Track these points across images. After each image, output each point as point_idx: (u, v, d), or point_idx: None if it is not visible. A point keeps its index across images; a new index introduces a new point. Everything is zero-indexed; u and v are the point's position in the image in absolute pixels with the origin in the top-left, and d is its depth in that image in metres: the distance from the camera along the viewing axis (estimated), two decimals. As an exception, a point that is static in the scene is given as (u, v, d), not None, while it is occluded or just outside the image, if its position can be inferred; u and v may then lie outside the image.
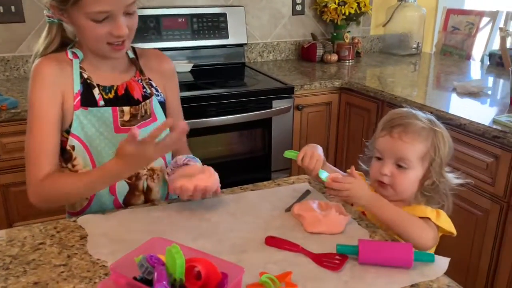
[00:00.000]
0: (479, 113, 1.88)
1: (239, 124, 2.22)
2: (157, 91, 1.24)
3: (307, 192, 1.20)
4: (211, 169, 1.11)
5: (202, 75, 2.52)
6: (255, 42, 2.89)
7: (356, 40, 3.03)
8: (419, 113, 1.13)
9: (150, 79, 1.23)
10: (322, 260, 0.91)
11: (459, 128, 1.77)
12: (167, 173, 1.20)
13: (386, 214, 1.03)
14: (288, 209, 1.10)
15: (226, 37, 2.65)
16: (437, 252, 1.14)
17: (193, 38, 2.59)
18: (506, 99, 2.01)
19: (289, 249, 0.95)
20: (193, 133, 2.18)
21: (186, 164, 1.17)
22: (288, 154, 1.15)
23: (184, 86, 2.40)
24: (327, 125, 2.51)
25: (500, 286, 1.71)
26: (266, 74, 2.54)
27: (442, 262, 0.90)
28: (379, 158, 1.12)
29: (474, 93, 2.11)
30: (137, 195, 1.22)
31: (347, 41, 2.93)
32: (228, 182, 1.24)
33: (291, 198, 1.16)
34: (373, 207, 1.04)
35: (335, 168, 1.21)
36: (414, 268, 0.89)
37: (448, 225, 1.08)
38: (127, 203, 1.20)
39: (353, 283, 0.85)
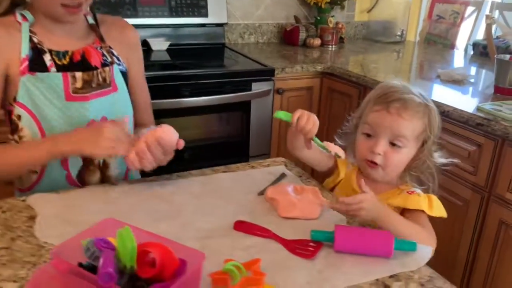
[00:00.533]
0: (463, 100, 1.84)
1: (216, 106, 2.12)
2: (118, 60, 1.14)
3: (283, 176, 1.12)
4: (165, 125, 1.02)
5: (179, 54, 2.41)
6: (236, 23, 2.78)
7: (340, 25, 2.95)
8: (412, 88, 1.06)
9: (111, 47, 1.13)
10: (294, 247, 0.83)
11: (443, 115, 1.68)
12: None
13: (393, 227, 0.91)
14: (261, 193, 1.02)
15: (206, 15, 2.54)
16: None
17: (170, 15, 2.47)
18: (490, 88, 1.96)
19: (260, 235, 0.87)
20: (167, 114, 2.14)
21: None
22: (280, 114, 1.04)
23: (159, 65, 2.31)
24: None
25: (478, 278, 1.67)
26: (246, 56, 2.44)
27: (425, 252, 0.84)
28: (368, 135, 1.04)
29: (458, 81, 2.07)
30: (92, 170, 1.12)
31: (330, 25, 2.85)
32: (204, 167, 1.16)
33: (266, 181, 1.08)
34: (382, 222, 0.92)
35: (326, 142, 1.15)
36: (394, 257, 0.82)
37: (440, 212, 1.04)
38: (81, 179, 1.11)
39: (328, 272, 0.78)
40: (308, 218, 0.93)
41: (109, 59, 1.11)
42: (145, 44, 2.38)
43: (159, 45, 2.41)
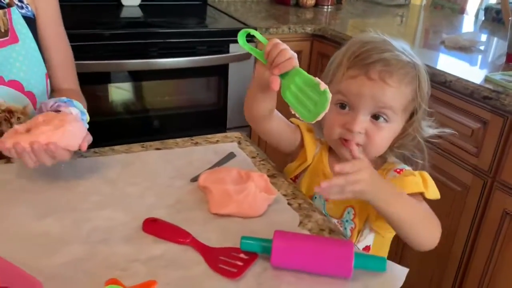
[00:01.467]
0: (469, 70, 1.59)
1: (188, 70, 1.87)
2: (20, 1, 0.88)
3: (230, 156, 0.89)
4: (69, 116, 0.77)
5: (152, 11, 2.15)
6: (220, -22, 2.49)
7: (338, -16, 2.65)
8: (394, 41, 0.82)
9: None
10: (217, 259, 0.61)
11: (443, 86, 1.47)
12: None
13: (399, 212, 0.73)
14: (195, 179, 0.79)
15: (184, -34, 2.26)
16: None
17: (143, -34, 2.19)
18: (501, 57, 1.70)
19: (174, 240, 0.64)
20: (132, 77, 1.90)
21: (57, 111, 0.83)
22: (242, 37, 0.76)
23: (126, 22, 2.06)
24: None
25: (474, 276, 1.46)
26: (229, 15, 2.17)
27: (397, 273, 0.60)
28: (343, 106, 0.81)
29: (465, 48, 1.80)
30: None
31: (327, -17, 2.55)
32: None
33: (206, 163, 0.85)
34: (384, 203, 0.71)
35: None
36: (355, 278, 0.59)
37: (434, 193, 0.84)
38: None
39: (257, 300, 0.55)
40: (247, 216, 0.71)
41: (6, 0, 0.86)
42: (115, -3, 2.12)
43: (130, 0, 2.14)
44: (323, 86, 0.66)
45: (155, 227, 0.65)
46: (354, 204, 0.84)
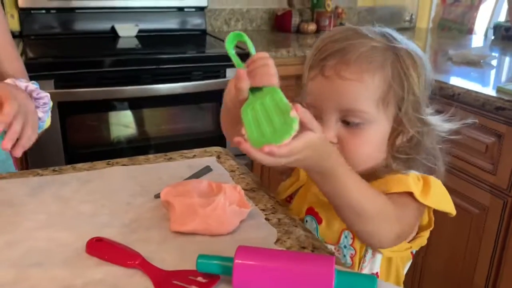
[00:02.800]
0: (478, 82, 1.48)
1: (184, 96, 1.81)
2: None
3: (206, 169, 0.79)
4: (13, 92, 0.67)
5: (149, 41, 2.12)
6: (220, 8, 2.47)
7: (339, 10, 2.61)
8: (367, 29, 0.67)
9: None
10: (169, 284, 0.49)
11: (452, 100, 1.36)
12: None
13: (340, 188, 0.59)
14: (159, 195, 0.68)
15: (183, -3, 2.25)
16: (413, 261, 0.75)
17: (140, -3, 2.18)
18: (513, 70, 1.60)
19: (120, 263, 0.53)
20: (127, 105, 1.84)
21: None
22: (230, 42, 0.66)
23: (124, 49, 2.02)
24: (298, 102, 2.09)
25: (501, 309, 1.29)
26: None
27: (391, 295, 0.48)
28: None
29: (474, 63, 1.70)
30: None
31: (328, 9, 2.51)
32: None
33: (178, 178, 0.75)
34: (322, 176, 0.58)
35: None
36: (338, 303, 0.47)
37: (442, 202, 0.68)
38: None
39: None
40: (215, 233, 0.60)
41: None
42: (112, 30, 2.10)
43: (127, 30, 2.12)
44: (294, 114, 0.52)
45: (99, 248, 0.55)
46: None
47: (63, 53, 1.86)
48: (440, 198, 0.68)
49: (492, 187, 1.29)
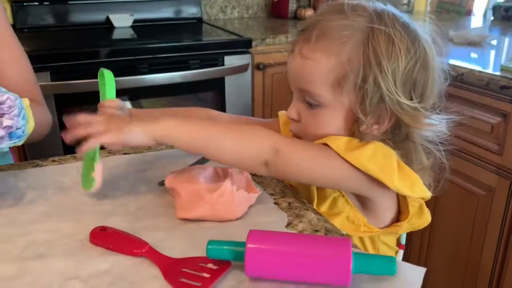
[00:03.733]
0: (481, 62, 1.46)
1: (183, 85, 1.79)
2: None
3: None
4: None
5: (145, 31, 2.08)
6: (215, -5, 2.43)
7: (336, -6, 2.57)
8: (357, 5, 0.61)
9: None
10: (179, 272, 0.47)
11: (455, 81, 1.34)
12: None
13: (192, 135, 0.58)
14: (163, 182, 0.66)
15: (177, -15, 2.21)
16: (419, 243, 0.72)
17: (134, -14, 2.14)
18: (516, 49, 1.57)
19: (127, 251, 0.51)
20: (126, 96, 1.82)
21: None
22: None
23: (119, 40, 1.99)
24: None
25: (509, 289, 1.29)
26: (226, 30, 2.09)
27: (411, 276, 0.46)
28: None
29: (474, 43, 1.68)
30: None
31: (325, -6, 2.47)
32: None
33: (182, 165, 0.72)
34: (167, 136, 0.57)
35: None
36: (355, 286, 0.45)
37: (377, 165, 0.58)
38: None
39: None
40: (223, 219, 0.58)
41: None
42: (107, 21, 2.07)
43: (122, 21, 2.08)
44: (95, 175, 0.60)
45: (104, 237, 0.53)
46: None
47: (58, 45, 1.82)
48: (370, 161, 0.58)
49: (498, 168, 1.27)
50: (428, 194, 0.62)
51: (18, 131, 0.60)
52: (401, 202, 0.68)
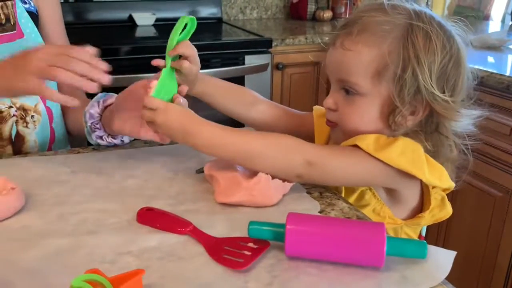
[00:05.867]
0: (501, 66, 1.47)
1: (203, 84, 1.82)
2: None
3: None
4: None
5: (167, 30, 2.11)
6: (235, -4, 2.47)
7: (356, -3, 2.60)
8: (395, 5, 0.65)
9: None
10: (222, 249, 0.51)
11: (475, 84, 1.35)
12: (91, 128, 0.80)
13: (220, 139, 0.64)
14: (201, 170, 0.70)
15: (199, -14, 2.25)
16: (435, 241, 0.74)
17: (158, -14, 2.19)
18: (536, 54, 1.59)
19: (172, 230, 0.55)
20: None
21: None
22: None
23: (142, 38, 2.04)
24: (315, 90, 2.10)
25: (524, 290, 1.30)
26: (245, 30, 2.13)
27: (441, 259, 0.49)
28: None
29: (494, 48, 1.69)
30: (0, 146, 0.84)
31: (344, -5, 2.50)
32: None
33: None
34: (193, 143, 0.64)
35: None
36: (389, 268, 0.48)
37: (403, 161, 0.61)
38: None
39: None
40: (259, 205, 0.61)
41: None
42: (129, 19, 2.12)
43: (144, 19, 2.13)
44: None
45: (150, 217, 0.56)
46: None
47: (81, 42, 1.87)
48: (401, 157, 0.61)
49: (516, 170, 1.29)
50: (453, 184, 0.66)
51: None
52: (424, 195, 0.71)
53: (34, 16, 0.88)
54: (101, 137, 0.78)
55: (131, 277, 0.42)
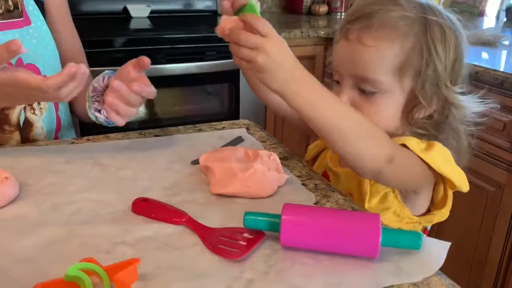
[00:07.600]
0: (496, 61, 1.48)
1: (198, 76, 1.82)
2: None
3: (238, 140, 0.80)
4: None
5: (162, 22, 2.11)
6: (231, -11, 2.45)
7: (351, -9, 2.60)
8: None
9: None
10: (217, 239, 0.51)
11: (470, 79, 1.36)
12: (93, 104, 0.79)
13: (318, 109, 0.55)
14: (196, 161, 0.70)
15: (194, -23, 2.24)
16: (431, 234, 0.75)
17: (152, -23, 2.17)
18: (530, 50, 1.59)
19: (167, 220, 0.54)
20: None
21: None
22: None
23: (137, 30, 2.02)
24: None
25: (515, 283, 1.31)
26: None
27: (436, 250, 0.50)
28: (338, 82, 0.69)
29: (489, 43, 1.70)
30: (8, 132, 0.83)
31: (340, -10, 2.50)
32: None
33: (210, 147, 0.76)
34: (295, 94, 0.54)
35: None
36: (384, 259, 0.49)
37: (443, 165, 0.63)
38: None
39: (264, 285, 0.45)
40: (255, 196, 0.61)
41: None
42: (124, 11, 2.10)
43: (139, 11, 2.12)
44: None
45: (145, 207, 0.56)
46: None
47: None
48: (442, 162, 0.63)
49: (509, 165, 1.30)
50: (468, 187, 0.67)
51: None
52: (434, 193, 0.71)
53: (40, 4, 0.87)
54: (99, 111, 0.76)
55: (126, 266, 0.42)
